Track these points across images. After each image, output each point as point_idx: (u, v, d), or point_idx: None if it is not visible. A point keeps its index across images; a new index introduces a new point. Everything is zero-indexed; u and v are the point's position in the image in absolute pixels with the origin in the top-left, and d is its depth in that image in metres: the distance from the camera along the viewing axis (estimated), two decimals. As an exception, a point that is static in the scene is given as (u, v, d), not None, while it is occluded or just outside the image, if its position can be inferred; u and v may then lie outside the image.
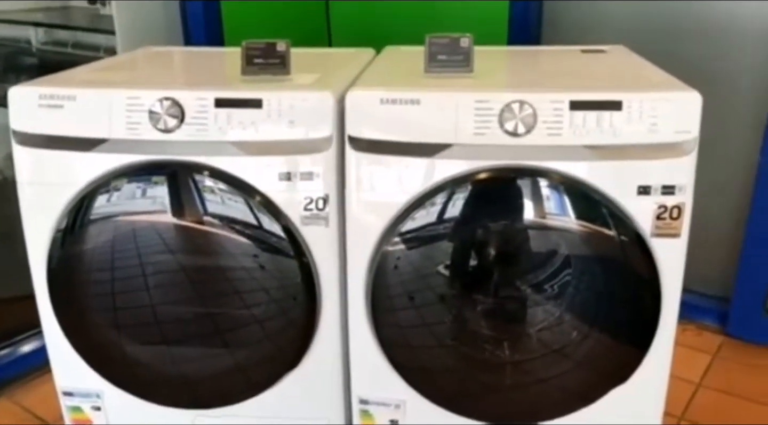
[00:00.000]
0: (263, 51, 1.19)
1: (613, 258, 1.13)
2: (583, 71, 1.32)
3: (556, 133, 1.07)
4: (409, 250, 1.14)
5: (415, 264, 1.16)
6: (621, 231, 1.09)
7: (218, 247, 1.21)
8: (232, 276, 1.23)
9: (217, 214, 1.16)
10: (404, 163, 1.11)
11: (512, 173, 1.08)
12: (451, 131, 1.08)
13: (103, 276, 1.25)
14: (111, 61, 1.51)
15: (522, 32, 1.93)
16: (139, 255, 1.24)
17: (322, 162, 1.12)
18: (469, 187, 1.09)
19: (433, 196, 1.10)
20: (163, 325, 1.29)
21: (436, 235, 1.13)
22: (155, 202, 1.17)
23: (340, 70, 1.30)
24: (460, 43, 1.19)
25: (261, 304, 1.23)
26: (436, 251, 1.16)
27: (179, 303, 1.27)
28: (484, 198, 1.11)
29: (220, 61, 1.53)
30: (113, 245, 1.23)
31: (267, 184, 1.13)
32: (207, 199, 1.16)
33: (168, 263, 1.23)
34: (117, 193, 1.17)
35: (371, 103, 1.10)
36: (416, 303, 1.19)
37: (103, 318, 1.26)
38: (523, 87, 1.13)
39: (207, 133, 1.11)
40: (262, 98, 1.11)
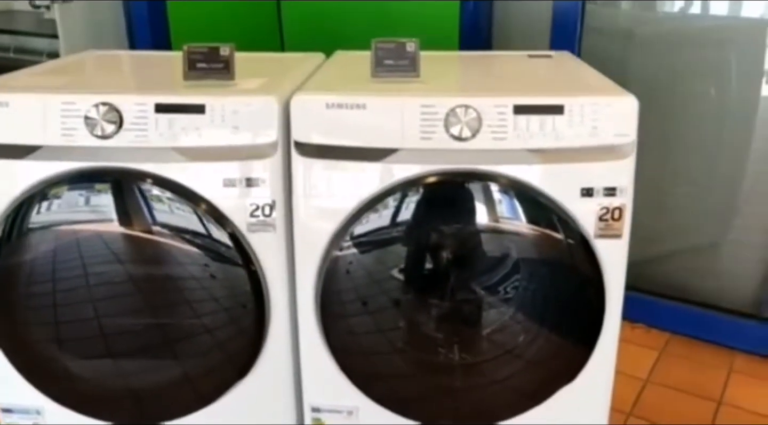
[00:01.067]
0: (206, 55, 1.17)
1: (560, 260, 1.14)
2: (528, 76, 1.34)
3: (501, 137, 1.08)
4: (361, 254, 1.13)
5: (367, 268, 1.15)
6: (567, 234, 1.10)
7: (167, 256, 1.18)
8: (182, 285, 1.20)
9: (164, 223, 1.14)
10: (352, 168, 1.10)
11: (459, 177, 1.09)
12: (398, 136, 1.08)
13: (43, 288, 1.21)
14: (51, 65, 1.46)
15: (473, 34, 1.95)
16: (82, 265, 1.20)
17: (268, 168, 1.11)
18: (418, 191, 1.09)
19: (381, 200, 1.09)
20: (109, 338, 1.25)
21: (388, 239, 1.13)
22: (99, 210, 1.13)
23: (286, 74, 1.29)
24: (406, 47, 1.19)
25: (210, 313, 1.21)
26: (388, 255, 1.16)
27: (126, 315, 1.24)
28: (434, 201, 1.11)
29: (164, 65, 1.49)
30: (54, 255, 1.19)
31: (212, 190, 1.11)
32: (153, 206, 1.13)
33: (114, 273, 1.19)
34: (57, 200, 1.13)
35: (317, 107, 1.09)
36: (369, 309, 1.19)
37: (43, 332, 1.22)
38: (468, 91, 1.14)
39: (147, 139, 1.09)
40: (205, 103, 1.09)
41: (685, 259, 2.00)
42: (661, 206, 1.96)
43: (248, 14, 2.15)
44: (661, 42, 1.90)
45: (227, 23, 2.05)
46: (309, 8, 2.13)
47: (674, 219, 2.00)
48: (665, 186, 1.96)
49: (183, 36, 1.92)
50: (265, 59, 1.52)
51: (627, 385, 1.69)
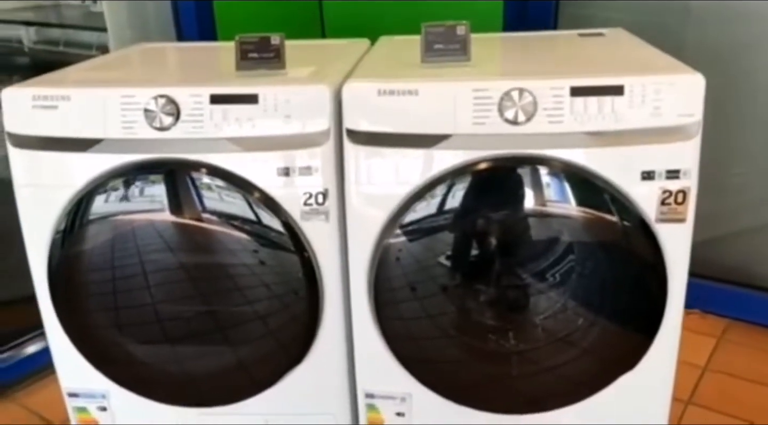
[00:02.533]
0: (257, 45, 1.18)
1: (616, 245, 1.11)
2: (582, 56, 1.30)
3: (557, 121, 1.05)
4: (410, 242, 1.12)
5: (416, 255, 1.14)
6: (624, 218, 1.07)
7: (217, 244, 1.20)
8: (233, 272, 1.22)
9: (215, 211, 1.15)
10: (403, 155, 1.09)
11: (513, 162, 1.07)
12: (450, 121, 1.07)
13: (103, 276, 1.24)
14: (104, 60, 1.49)
15: (517, 14, 1.91)
16: (138, 253, 1.23)
17: (320, 156, 1.11)
18: (469, 177, 1.08)
19: (433, 187, 1.09)
20: (165, 324, 1.28)
21: (437, 227, 1.12)
22: (153, 200, 1.15)
23: (335, 62, 1.28)
24: (456, 31, 1.17)
25: (263, 300, 1.22)
26: (438, 242, 1.14)
27: (180, 301, 1.26)
28: (485, 188, 1.10)
29: (214, 56, 1.51)
30: (113, 245, 1.22)
31: (265, 179, 1.11)
32: (204, 196, 1.15)
33: (168, 261, 1.22)
34: (115, 192, 1.16)
35: (368, 94, 1.08)
36: (419, 295, 1.18)
37: (105, 318, 1.25)
38: (521, 74, 1.11)
39: (203, 130, 1.10)
40: (258, 93, 1.09)
41: (745, 241, 1.93)
42: (718, 185, 1.89)
43: (290, 4, 2.15)
44: (721, 12, 1.83)
45: (269, 14, 2.06)
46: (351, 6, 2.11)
47: (732, 199, 1.92)
48: (724, 164, 1.89)
49: (228, 27, 1.93)
50: (311, 47, 1.52)
51: (685, 373, 1.62)
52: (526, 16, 1.90)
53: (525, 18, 1.90)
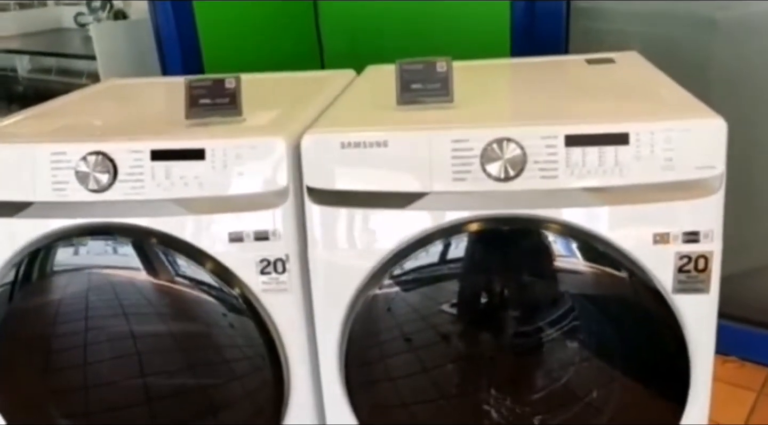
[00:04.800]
0: (210, 90, 1.04)
1: (629, 317, 0.94)
2: (585, 91, 1.12)
3: (551, 176, 0.89)
4: (387, 312, 0.98)
5: (393, 327, 0.99)
6: (638, 288, 0.90)
7: (185, 307, 1.07)
8: (202, 335, 1.09)
9: (171, 275, 1.02)
10: (374, 217, 0.94)
11: (500, 224, 0.91)
12: (426, 177, 0.91)
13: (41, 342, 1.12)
14: (60, 102, 1.35)
15: (527, 37, 1.74)
16: (85, 318, 1.11)
17: (278, 218, 0.96)
18: (449, 242, 0.92)
19: (406, 254, 0.93)
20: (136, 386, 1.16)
21: (415, 297, 0.96)
22: (102, 259, 1.03)
23: (304, 103, 1.14)
24: (436, 68, 1.02)
25: (235, 361, 1.09)
26: (416, 313, 0.99)
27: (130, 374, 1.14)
28: (468, 254, 0.94)
29: (180, 97, 1.38)
30: (57, 308, 1.10)
31: (217, 246, 0.98)
32: (156, 260, 1.02)
33: (120, 328, 1.09)
34: (53, 256, 1.04)
35: (330, 147, 0.94)
36: (393, 375, 1.04)
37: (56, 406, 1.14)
38: (509, 119, 0.96)
39: (144, 190, 0.96)
40: (204, 148, 0.95)
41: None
42: (750, 211, 1.69)
43: (283, 17, 2.01)
44: (750, 26, 1.63)
45: (263, 41, 1.92)
46: (348, 9, 1.97)
47: (766, 227, 1.72)
48: (754, 188, 1.69)
49: (215, 51, 1.81)
50: (287, 81, 1.38)
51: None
52: (534, 33, 1.74)
53: (533, 35, 1.74)
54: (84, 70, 2.15)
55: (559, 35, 1.72)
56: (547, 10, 1.69)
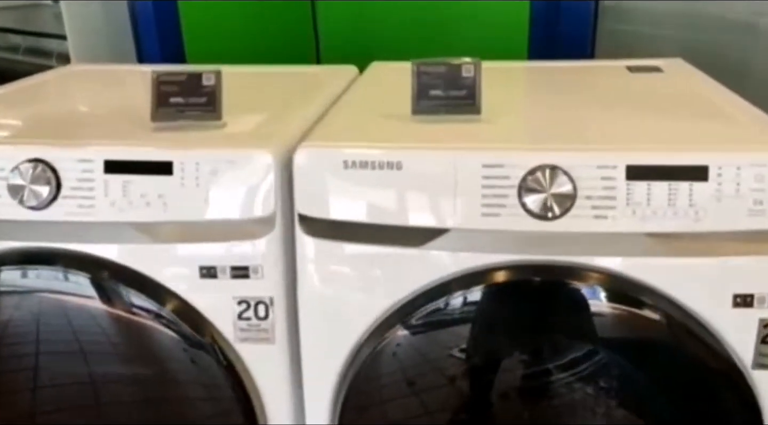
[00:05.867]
0: (183, 86, 0.84)
1: (696, 393, 0.76)
2: (638, 106, 0.92)
3: (606, 215, 0.71)
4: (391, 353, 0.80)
5: (397, 405, 0.82)
6: (709, 359, 0.73)
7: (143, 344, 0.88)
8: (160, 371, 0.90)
9: (136, 310, 0.83)
10: (383, 256, 0.75)
11: (538, 274, 0.74)
12: (449, 210, 0.73)
13: None
14: (4, 91, 1.13)
15: (547, 37, 1.56)
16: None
17: (261, 251, 0.77)
18: (476, 293, 0.74)
19: (422, 304, 0.75)
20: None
21: (422, 362, 0.78)
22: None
23: (298, 105, 0.95)
24: (461, 71, 0.84)
25: (201, 401, 0.91)
26: (425, 380, 0.80)
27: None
28: (497, 309, 0.76)
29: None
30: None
31: (184, 283, 0.78)
32: (118, 294, 0.83)
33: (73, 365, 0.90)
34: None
35: (330, 166, 0.75)
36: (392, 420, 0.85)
37: None
38: (554, 141, 0.77)
39: (94, 210, 0.77)
40: (172, 160, 0.76)
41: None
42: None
43: (279, 19, 1.81)
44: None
45: (251, 26, 1.72)
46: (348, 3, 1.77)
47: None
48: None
49: (197, 36, 1.61)
50: (278, 77, 1.18)
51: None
52: (556, 35, 1.56)
53: (555, 37, 1.56)
54: (54, 50, 1.95)
55: (585, 38, 1.54)
56: (573, 10, 1.51)
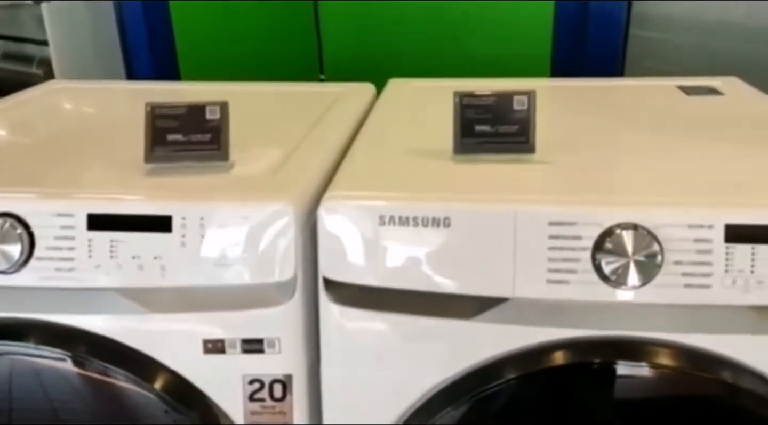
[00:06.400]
0: (182, 120, 0.71)
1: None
2: (717, 141, 0.79)
3: (700, 284, 0.59)
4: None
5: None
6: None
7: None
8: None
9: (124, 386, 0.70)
10: (422, 330, 0.63)
11: (614, 354, 0.61)
12: (508, 275, 0.61)
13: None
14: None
15: (573, 45, 1.44)
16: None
17: (279, 322, 0.65)
18: (540, 377, 0.63)
19: (473, 388, 0.64)
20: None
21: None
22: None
23: (316, 136, 0.82)
24: (513, 103, 0.72)
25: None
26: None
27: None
28: (566, 396, 0.64)
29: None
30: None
31: (185, 359, 0.65)
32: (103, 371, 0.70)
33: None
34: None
35: (363, 221, 0.63)
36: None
37: None
38: (632, 190, 0.64)
39: (76, 274, 0.64)
40: (171, 214, 0.64)
41: None
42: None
43: (278, 13, 1.67)
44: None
45: (250, 37, 1.58)
46: (353, 9, 1.63)
47: None
48: None
49: (191, 46, 1.47)
50: (287, 97, 1.04)
51: None
52: (584, 42, 1.44)
53: (581, 44, 1.43)
54: (35, 56, 1.80)
55: (616, 46, 1.42)
56: (603, 13, 1.39)
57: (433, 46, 1.45)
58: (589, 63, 1.41)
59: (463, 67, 1.43)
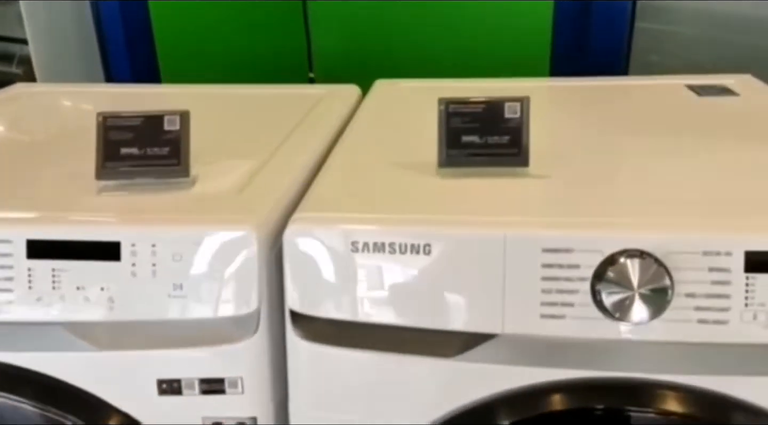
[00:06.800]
0: (138, 132, 0.65)
1: None
2: (732, 151, 0.71)
3: (717, 320, 0.53)
4: None
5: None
6: None
7: None
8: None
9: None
10: (400, 369, 0.56)
11: (616, 397, 0.54)
12: (496, 309, 0.54)
13: None
14: None
15: (572, 45, 1.36)
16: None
17: (241, 360, 0.58)
18: (533, 423, 0.56)
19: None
20: None
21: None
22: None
23: (289, 146, 0.74)
24: (504, 111, 0.65)
25: None
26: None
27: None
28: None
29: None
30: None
31: (136, 402, 0.59)
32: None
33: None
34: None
35: (333, 247, 0.56)
36: None
37: None
38: (638, 211, 0.56)
39: (13, 308, 0.57)
40: (120, 240, 0.58)
41: None
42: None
43: (264, 10, 1.58)
44: None
45: (234, 36, 1.49)
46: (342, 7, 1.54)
47: None
48: None
49: (171, 41, 1.39)
50: (265, 101, 0.97)
51: None
52: (586, 39, 1.36)
53: (584, 41, 1.35)
54: (16, 54, 1.74)
55: (620, 39, 1.34)
56: (607, 4, 1.30)
57: (427, 44, 1.37)
58: (591, 58, 1.34)
59: (458, 65, 1.35)
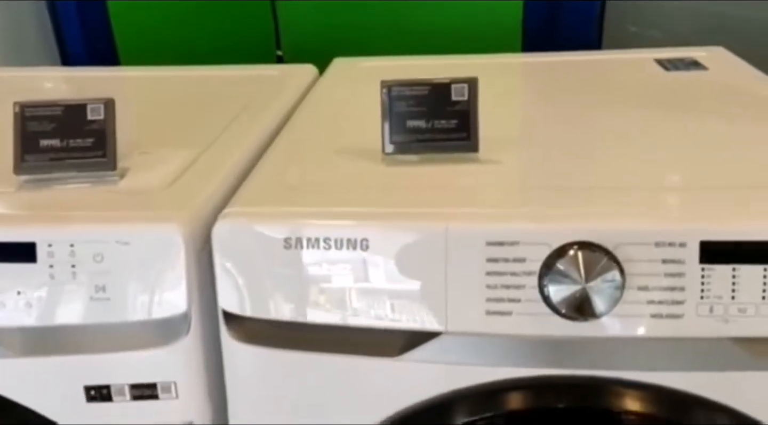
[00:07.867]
0: (60, 123, 0.61)
1: None
2: (695, 132, 0.67)
3: (670, 314, 0.50)
4: None
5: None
6: None
7: None
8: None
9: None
10: (340, 370, 0.52)
11: (564, 397, 0.51)
12: (439, 307, 0.51)
13: None
14: None
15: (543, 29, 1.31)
16: None
17: (172, 364, 0.54)
18: (478, 421, 0.53)
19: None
20: None
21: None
22: None
23: (231, 134, 0.70)
24: (450, 93, 0.61)
25: None
26: None
27: None
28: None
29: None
30: None
31: (62, 409, 0.55)
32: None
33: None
34: None
35: (265, 244, 0.53)
36: None
37: None
38: (589, 199, 0.53)
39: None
40: (35, 241, 0.53)
41: None
42: None
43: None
44: None
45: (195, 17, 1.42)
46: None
47: None
48: None
49: (129, 25, 1.33)
50: (214, 83, 0.92)
51: None
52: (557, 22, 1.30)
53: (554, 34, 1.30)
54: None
55: (592, 14, 1.29)
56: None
57: (399, 20, 1.32)
58: (564, 32, 1.29)
59: (429, 41, 1.29)
